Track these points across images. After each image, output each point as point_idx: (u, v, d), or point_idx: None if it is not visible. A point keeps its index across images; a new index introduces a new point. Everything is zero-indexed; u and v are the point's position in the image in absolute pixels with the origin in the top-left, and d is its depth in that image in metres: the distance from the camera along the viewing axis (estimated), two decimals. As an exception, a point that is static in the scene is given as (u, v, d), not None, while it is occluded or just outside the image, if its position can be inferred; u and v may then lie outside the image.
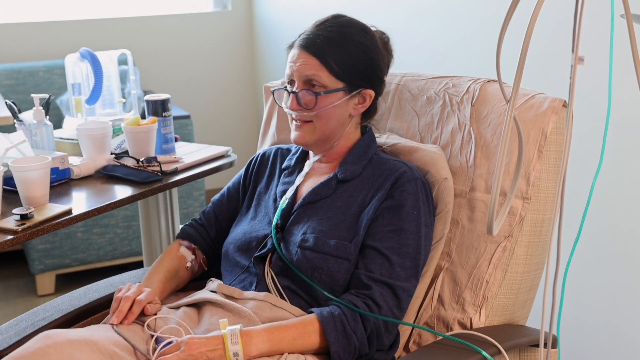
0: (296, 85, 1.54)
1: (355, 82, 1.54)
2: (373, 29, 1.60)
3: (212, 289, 1.57)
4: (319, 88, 1.52)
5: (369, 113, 1.62)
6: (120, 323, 1.45)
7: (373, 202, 1.51)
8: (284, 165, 1.69)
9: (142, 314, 1.49)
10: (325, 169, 1.63)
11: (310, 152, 1.64)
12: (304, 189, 1.62)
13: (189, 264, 1.70)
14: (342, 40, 1.52)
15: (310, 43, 1.52)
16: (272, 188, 1.68)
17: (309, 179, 1.63)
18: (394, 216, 1.49)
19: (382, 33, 1.63)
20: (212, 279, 1.62)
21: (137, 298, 1.48)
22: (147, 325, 1.46)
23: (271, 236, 1.55)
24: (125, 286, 1.53)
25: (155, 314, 1.49)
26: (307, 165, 1.61)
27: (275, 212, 1.60)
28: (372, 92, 1.57)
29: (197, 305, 1.54)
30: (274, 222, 1.56)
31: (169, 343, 1.38)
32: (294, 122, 1.57)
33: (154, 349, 1.39)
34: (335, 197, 1.56)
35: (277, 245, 1.53)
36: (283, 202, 1.58)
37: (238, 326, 1.38)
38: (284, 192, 1.62)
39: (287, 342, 1.39)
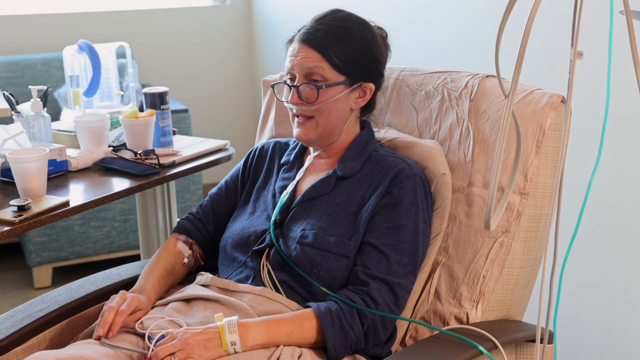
0: (297, 79, 1.54)
1: (356, 76, 1.54)
2: (371, 24, 1.60)
3: (204, 283, 1.56)
4: (320, 82, 1.51)
5: (369, 108, 1.62)
6: (106, 336, 1.42)
7: (372, 199, 1.51)
8: (282, 161, 1.69)
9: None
10: (325, 165, 1.62)
11: (310, 148, 1.63)
12: (303, 185, 1.61)
13: (186, 260, 1.69)
14: (342, 33, 1.52)
15: (311, 37, 1.52)
16: (270, 183, 1.67)
17: (309, 175, 1.62)
18: (392, 213, 1.49)
19: (380, 28, 1.63)
20: (202, 272, 1.62)
21: (120, 309, 1.46)
22: (137, 327, 1.45)
23: (270, 232, 1.55)
24: (110, 298, 1.52)
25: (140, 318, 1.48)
26: (308, 160, 1.61)
27: (274, 207, 1.60)
28: (372, 86, 1.57)
29: (187, 299, 1.53)
30: (273, 217, 1.56)
31: (163, 337, 1.38)
32: (296, 118, 1.56)
33: (149, 347, 1.37)
34: (335, 193, 1.55)
35: (275, 241, 1.53)
36: (283, 198, 1.57)
37: (235, 317, 1.38)
38: (283, 188, 1.61)
39: (284, 334, 1.39)
